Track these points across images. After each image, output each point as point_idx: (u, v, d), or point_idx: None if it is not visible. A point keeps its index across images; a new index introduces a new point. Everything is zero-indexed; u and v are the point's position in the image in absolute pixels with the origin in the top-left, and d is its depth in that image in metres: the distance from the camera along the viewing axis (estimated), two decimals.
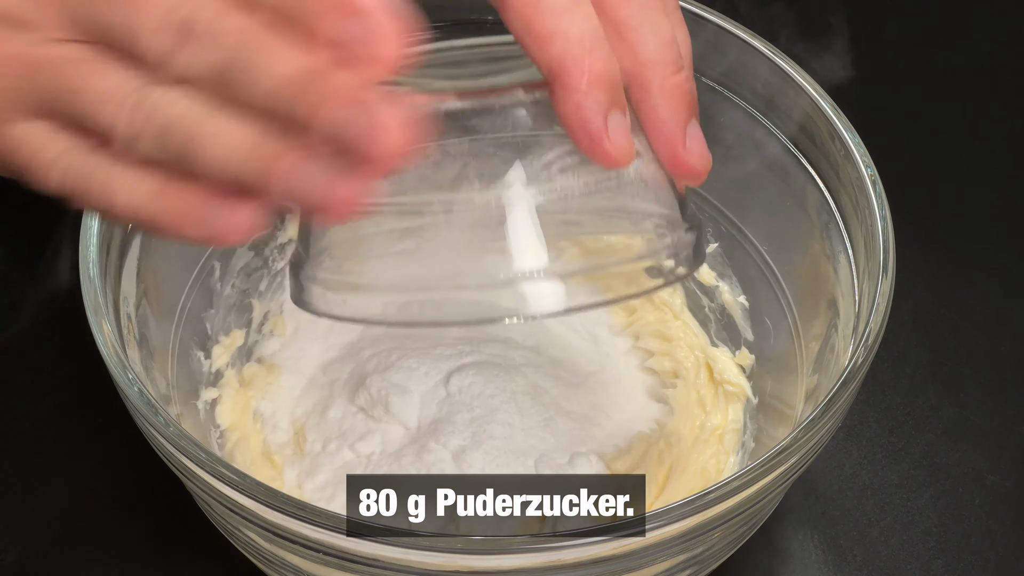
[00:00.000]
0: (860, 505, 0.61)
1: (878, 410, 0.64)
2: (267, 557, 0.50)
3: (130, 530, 0.59)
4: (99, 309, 0.49)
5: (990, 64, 0.79)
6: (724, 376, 0.62)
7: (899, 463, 0.62)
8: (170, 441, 0.46)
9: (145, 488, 0.61)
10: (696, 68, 0.59)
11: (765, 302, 0.60)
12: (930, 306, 0.68)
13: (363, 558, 0.44)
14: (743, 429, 0.60)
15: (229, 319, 0.62)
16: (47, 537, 0.59)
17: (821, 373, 0.54)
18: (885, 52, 0.79)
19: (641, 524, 0.44)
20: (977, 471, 0.62)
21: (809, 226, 0.56)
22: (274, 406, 0.62)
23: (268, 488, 0.44)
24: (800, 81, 0.55)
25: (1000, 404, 0.64)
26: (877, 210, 0.51)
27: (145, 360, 0.52)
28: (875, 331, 0.49)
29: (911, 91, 0.77)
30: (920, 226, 0.70)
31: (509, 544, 0.44)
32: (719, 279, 0.63)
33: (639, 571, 0.47)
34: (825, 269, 0.55)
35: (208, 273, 0.60)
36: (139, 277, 0.54)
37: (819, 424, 0.47)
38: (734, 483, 0.45)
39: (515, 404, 0.60)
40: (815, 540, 0.60)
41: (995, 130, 0.75)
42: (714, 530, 0.46)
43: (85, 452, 0.62)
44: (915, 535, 0.60)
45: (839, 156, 0.54)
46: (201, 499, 0.50)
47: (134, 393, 0.47)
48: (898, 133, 0.75)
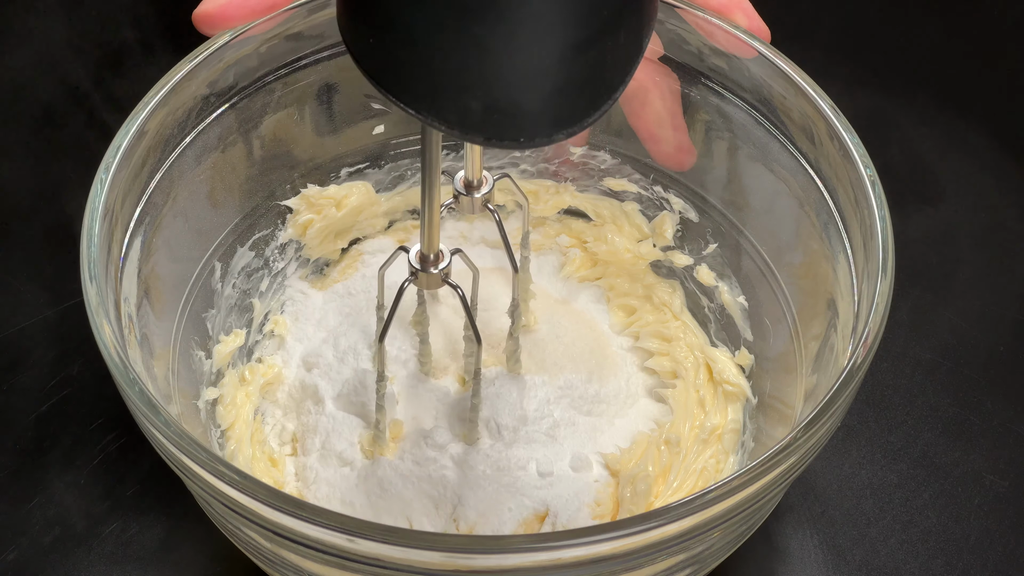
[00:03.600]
0: (859, 505, 0.61)
1: (877, 410, 0.64)
2: (267, 557, 0.50)
3: (130, 530, 0.59)
4: (100, 309, 0.49)
5: (991, 63, 0.79)
6: (724, 376, 0.62)
7: (898, 463, 0.62)
8: (171, 441, 0.46)
9: (145, 488, 0.61)
10: (696, 68, 0.59)
11: (764, 302, 0.61)
12: (930, 306, 0.68)
13: (363, 558, 0.44)
14: (743, 429, 0.60)
15: (230, 319, 0.62)
16: (47, 537, 0.59)
17: (820, 373, 0.54)
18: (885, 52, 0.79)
19: (641, 524, 0.44)
20: (976, 471, 0.62)
21: (808, 226, 0.56)
22: (275, 406, 0.62)
23: (269, 488, 0.44)
24: (800, 81, 0.55)
25: (999, 404, 0.64)
26: (876, 210, 0.52)
27: (146, 360, 0.52)
28: (874, 331, 0.49)
29: (911, 91, 0.77)
30: (920, 226, 0.70)
31: (509, 544, 0.44)
32: (719, 279, 0.63)
33: (639, 571, 0.47)
34: (824, 269, 0.55)
35: (209, 273, 0.60)
36: (140, 277, 0.54)
37: (818, 424, 0.47)
38: (734, 483, 0.45)
39: (515, 403, 0.60)
40: (814, 540, 0.60)
41: (995, 130, 0.75)
42: (714, 530, 0.46)
43: (85, 452, 0.62)
44: (914, 535, 0.60)
45: (839, 156, 0.54)
46: (202, 499, 0.50)
47: (135, 393, 0.47)
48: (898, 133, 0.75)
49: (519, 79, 0.39)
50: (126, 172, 0.53)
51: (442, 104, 0.40)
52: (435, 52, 0.39)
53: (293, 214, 0.64)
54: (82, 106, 0.75)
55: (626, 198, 0.65)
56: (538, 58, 0.39)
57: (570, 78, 0.40)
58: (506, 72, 0.39)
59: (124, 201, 0.53)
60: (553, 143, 0.42)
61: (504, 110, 0.40)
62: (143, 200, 0.55)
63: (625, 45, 0.41)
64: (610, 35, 0.40)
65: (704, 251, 0.64)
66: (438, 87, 0.40)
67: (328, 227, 0.64)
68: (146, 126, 0.54)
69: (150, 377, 0.52)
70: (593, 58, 0.40)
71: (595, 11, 0.39)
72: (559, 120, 0.41)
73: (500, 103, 0.40)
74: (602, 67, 0.40)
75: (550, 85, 0.40)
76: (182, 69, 0.56)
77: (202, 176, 0.58)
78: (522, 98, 0.40)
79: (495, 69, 0.39)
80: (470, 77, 0.39)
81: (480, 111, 0.40)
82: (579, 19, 0.39)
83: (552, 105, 0.40)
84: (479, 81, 0.39)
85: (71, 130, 0.74)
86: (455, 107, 0.40)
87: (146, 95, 0.55)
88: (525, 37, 0.38)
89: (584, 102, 0.41)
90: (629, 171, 0.65)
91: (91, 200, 0.51)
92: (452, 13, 0.38)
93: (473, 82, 0.39)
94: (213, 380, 0.60)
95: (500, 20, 0.38)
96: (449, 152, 0.65)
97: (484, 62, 0.39)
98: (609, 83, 0.41)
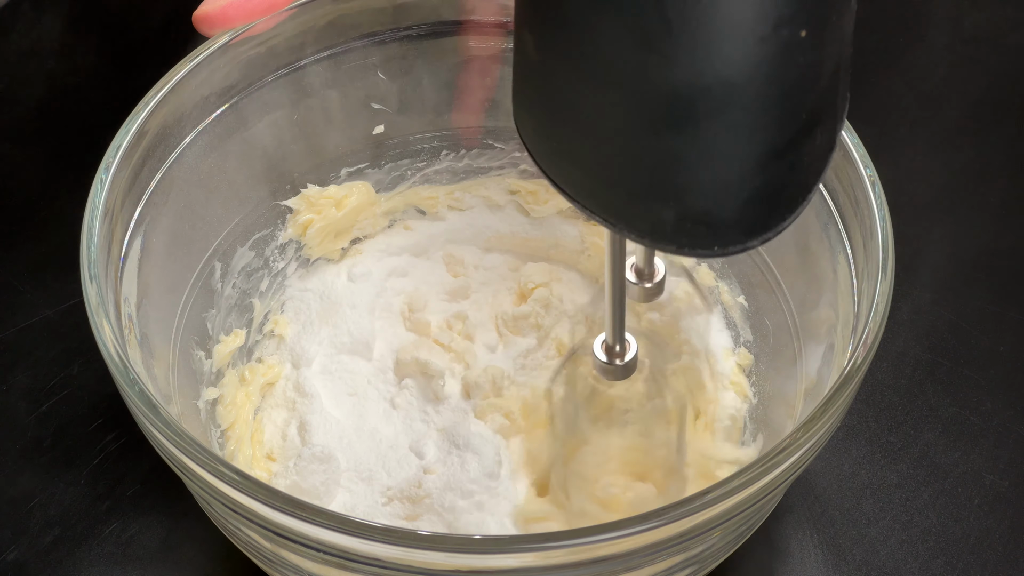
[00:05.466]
0: (859, 505, 0.61)
1: (877, 410, 0.64)
2: (267, 557, 0.50)
3: (130, 530, 0.59)
4: (100, 309, 0.49)
5: (991, 62, 0.79)
6: (724, 376, 0.62)
7: (898, 463, 0.62)
8: (171, 441, 0.46)
9: (145, 488, 0.61)
10: None
11: (765, 302, 0.61)
12: (930, 306, 0.68)
13: (363, 558, 0.44)
14: (743, 429, 0.60)
15: (230, 319, 0.62)
16: (47, 537, 0.59)
17: (820, 373, 0.54)
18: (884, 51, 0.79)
19: (641, 524, 0.44)
20: (976, 471, 0.62)
21: (808, 226, 0.56)
22: (275, 406, 0.62)
23: (268, 488, 0.44)
24: None
25: (999, 404, 0.64)
26: (876, 210, 0.52)
27: (146, 360, 0.52)
28: (874, 331, 0.49)
29: (911, 91, 0.77)
30: (920, 226, 0.70)
31: (509, 544, 0.44)
32: (719, 279, 0.63)
33: (639, 571, 0.47)
34: (824, 269, 0.55)
35: (209, 273, 0.60)
36: (140, 277, 0.54)
37: (818, 424, 0.47)
38: (734, 483, 0.45)
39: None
40: (814, 540, 0.60)
41: (995, 129, 0.75)
42: (714, 529, 0.46)
43: (85, 452, 0.62)
44: (914, 535, 0.60)
45: (839, 156, 0.54)
46: (202, 499, 0.50)
47: (135, 393, 0.47)
48: (898, 133, 0.75)
49: (714, 189, 0.38)
50: (126, 172, 0.53)
51: (633, 214, 0.39)
52: (628, 162, 0.38)
53: (293, 214, 0.64)
54: (82, 105, 0.75)
55: None
56: (733, 168, 0.37)
57: (766, 184, 0.38)
58: (700, 183, 0.37)
59: (124, 201, 0.53)
60: (748, 250, 0.40)
61: (698, 220, 0.38)
62: (143, 200, 0.55)
63: (820, 144, 0.39)
64: (807, 136, 0.38)
65: None
66: (630, 197, 0.39)
67: (328, 227, 0.64)
68: (146, 126, 0.54)
69: (150, 377, 0.52)
70: (789, 162, 0.38)
71: (793, 115, 0.37)
72: (754, 228, 0.39)
73: (693, 213, 0.38)
74: (798, 169, 0.39)
75: (746, 194, 0.38)
76: (182, 69, 0.56)
77: (202, 176, 0.58)
78: (717, 208, 0.38)
79: (689, 180, 0.37)
80: (664, 188, 0.38)
81: (672, 222, 0.38)
82: (778, 125, 0.37)
83: (748, 213, 0.39)
84: (672, 192, 0.38)
85: (71, 129, 0.74)
86: (647, 217, 0.39)
87: (146, 95, 0.55)
88: (721, 147, 0.37)
89: (780, 206, 0.40)
90: None
91: (91, 200, 0.51)
92: (645, 122, 0.37)
93: (666, 193, 0.38)
94: (213, 380, 0.60)
95: (695, 130, 0.36)
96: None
97: (678, 173, 0.37)
98: (804, 183, 0.40)
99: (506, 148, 0.65)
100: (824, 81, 0.38)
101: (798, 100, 0.37)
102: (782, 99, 0.37)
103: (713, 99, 0.36)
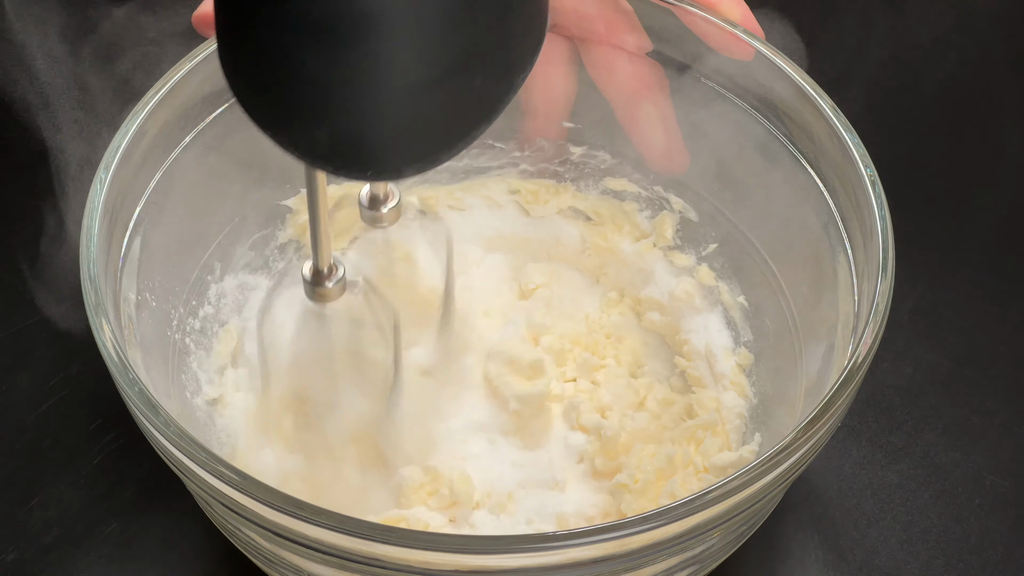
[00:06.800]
0: (860, 505, 0.61)
1: (878, 410, 0.64)
2: (267, 557, 0.50)
3: (130, 530, 0.59)
4: (99, 309, 0.49)
5: (991, 62, 0.79)
6: (724, 376, 0.62)
7: (899, 463, 0.62)
8: (170, 441, 0.46)
9: (145, 488, 0.61)
10: (696, 69, 0.59)
11: (765, 302, 0.61)
12: (930, 306, 0.68)
13: (363, 558, 0.44)
14: (743, 428, 0.60)
15: (230, 319, 0.62)
16: (47, 537, 0.59)
17: (820, 373, 0.54)
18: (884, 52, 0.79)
19: (641, 524, 0.44)
20: (977, 471, 0.62)
21: (809, 226, 0.56)
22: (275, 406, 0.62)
23: (269, 488, 0.44)
24: (800, 81, 0.55)
25: (1000, 404, 0.64)
26: (876, 210, 0.52)
27: (145, 360, 0.52)
28: (875, 331, 0.49)
29: (911, 90, 0.77)
30: (920, 226, 0.70)
31: (509, 544, 0.44)
32: (719, 279, 0.63)
33: (639, 571, 0.47)
34: (825, 269, 0.55)
35: (209, 273, 0.60)
36: (139, 277, 0.54)
37: (819, 424, 0.47)
38: (734, 483, 0.45)
39: None
40: (815, 540, 0.60)
41: (995, 129, 0.75)
42: (714, 530, 0.46)
43: (85, 452, 0.62)
44: (915, 535, 0.60)
45: (839, 156, 0.54)
46: (201, 499, 0.50)
47: (135, 393, 0.47)
48: (897, 133, 0.75)
49: (361, 114, 0.39)
50: (126, 172, 0.53)
51: (293, 129, 0.40)
52: (285, 76, 0.39)
53: (293, 214, 0.64)
54: (82, 104, 0.75)
55: (626, 198, 0.65)
56: (380, 95, 0.38)
57: (418, 116, 0.39)
58: (348, 106, 0.39)
59: (124, 201, 0.53)
60: (404, 178, 0.42)
61: (350, 143, 0.40)
62: (143, 200, 0.55)
63: (481, 86, 0.40)
64: (460, 76, 0.39)
65: (704, 251, 0.64)
66: (289, 112, 0.40)
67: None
68: (146, 126, 0.54)
69: (150, 377, 0.52)
70: (440, 98, 0.39)
71: (438, 54, 0.38)
72: (408, 157, 0.41)
73: (346, 136, 0.39)
74: (454, 107, 0.40)
75: (394, 122, 0.39)
76: (182, 69, 0.56)
77: (202, 176, 0.58)
78: (367, 132, 0.39)
79: (337, 102, 0.39)
80: (316, 107, 0.39)
81: (326, 142, 0.40)
82: (420, 60, 0.38)
83: (400, 142, 0.40)
84: (323, 111, 0.39)
85: (71, 129, 0.74)
86: (304, 134, 0.40)
87: (146, 95, 0.55)
88: (365, 74, 0.38)
89: (436, 140, 0.41)
90: (629, 171, 0.65)
91: (91, 200, 0.51)
92: (295, 39, 0.38)
93: (319, 112, 0.39)
94: (213, 380, 0.60)
95: (339, 55, 0.38)
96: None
97: (329, 93, 0.38)
98: (464, 122, 0.41)
99: (506, 148, 0.65)
100: (480, 25, 0.39)
101: (444, 39, 0.38)
102: (425, 36, 0.38)
103: (353, 28, 0.37)
